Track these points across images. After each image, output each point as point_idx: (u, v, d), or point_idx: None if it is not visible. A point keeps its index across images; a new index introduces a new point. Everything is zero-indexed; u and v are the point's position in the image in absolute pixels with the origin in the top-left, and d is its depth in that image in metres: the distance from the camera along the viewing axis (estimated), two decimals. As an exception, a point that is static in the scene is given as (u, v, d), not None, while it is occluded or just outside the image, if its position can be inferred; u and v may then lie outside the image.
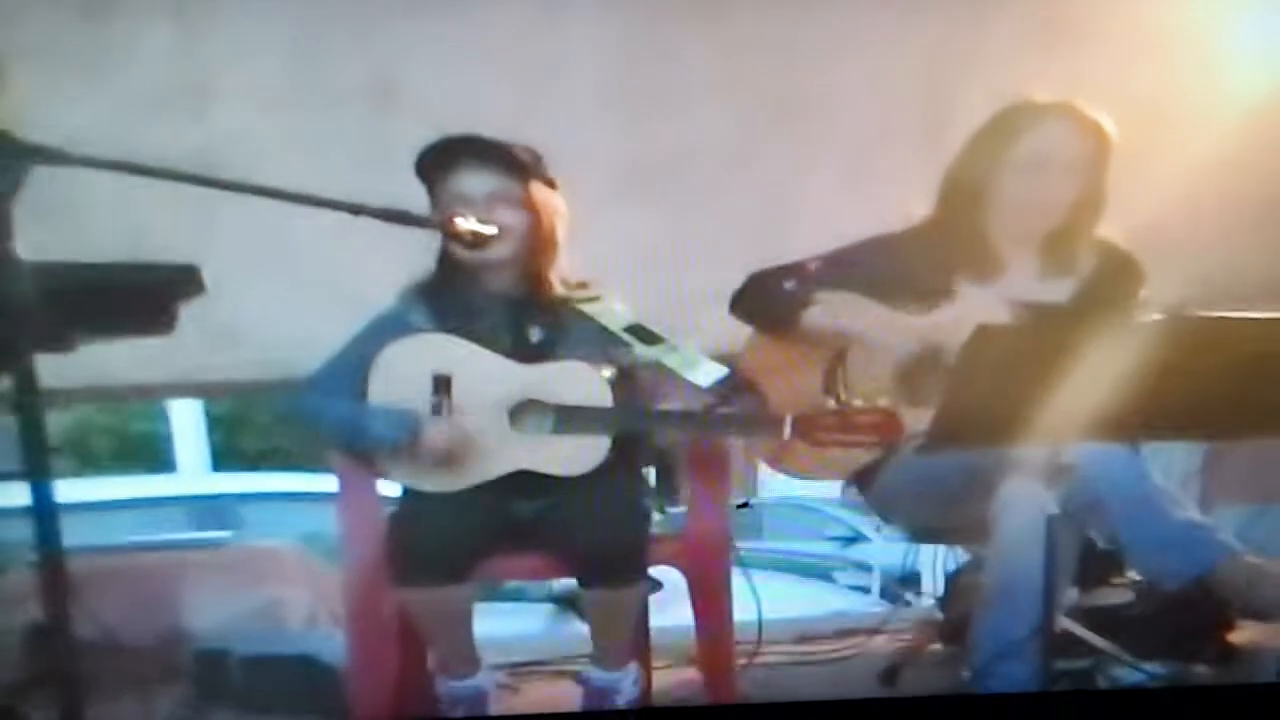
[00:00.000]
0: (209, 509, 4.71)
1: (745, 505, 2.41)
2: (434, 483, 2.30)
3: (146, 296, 1.96)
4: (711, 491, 2.46)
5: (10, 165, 1.61)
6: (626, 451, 2.35)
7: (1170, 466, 2.84)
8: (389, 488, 2.37)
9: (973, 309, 2.36)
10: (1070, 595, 2.63)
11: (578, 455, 2.30)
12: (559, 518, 2.28)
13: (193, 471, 7.37)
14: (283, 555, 3.46)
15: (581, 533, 2.23)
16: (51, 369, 1.74)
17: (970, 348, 1.96)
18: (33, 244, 1.65)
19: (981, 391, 1.96)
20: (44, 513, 1.68)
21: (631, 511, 2.31)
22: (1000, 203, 2.48)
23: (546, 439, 2.30)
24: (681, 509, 2.46)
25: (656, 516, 2.41)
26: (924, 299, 2.47)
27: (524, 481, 2.31)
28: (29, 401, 1.66)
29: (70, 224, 2.57)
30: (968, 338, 1.95)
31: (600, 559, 2.21)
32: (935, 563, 2.92)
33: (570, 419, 2.29)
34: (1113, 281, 2.51)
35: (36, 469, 1.68)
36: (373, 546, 2.27)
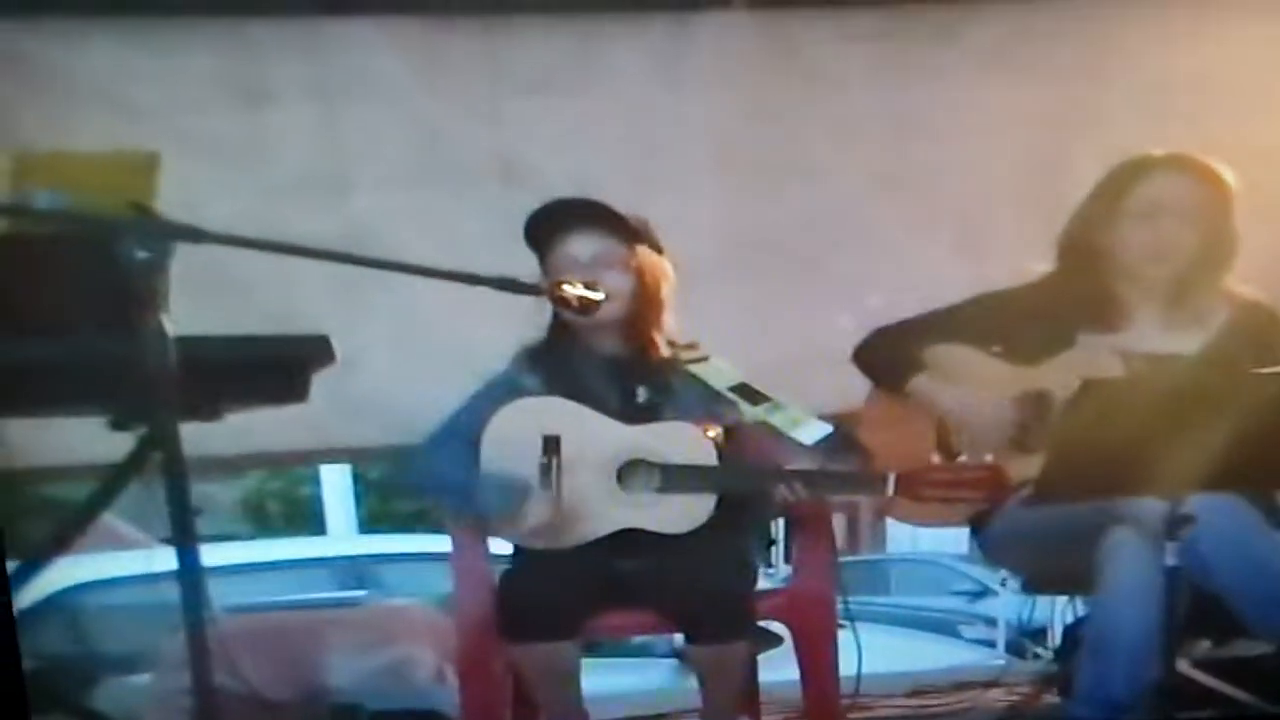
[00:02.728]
0: (351, 569, 4.81)
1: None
2: (542, 542, 2.32)
3: (281, 366, 2.01)
4: (815, 547, 2.45)
5: (155, 243, 1.67)
6: (732, 509, 2.34)
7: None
8: (500, 546, 2.41)
9: (1088, 359, 2.37)
10: (1201, 646, 2.57)
11: (684, 514, 2.30)
12: (665, 575, 2.27)
13: (340, 533, 7.53)
14: (412, 614, 3.53)
15: (686, 589, 2.22)
16: (205, 436, 1.82)
17: (1077, 401, 1.98)
18: (193, 318, 1.73)
19: (1089, 445, 1.96)
20: (190, 575, 1.73)
21: (737, 567, 2.31)
22: (1119, 253, 2.48)
23: (654, 498, 2.31)
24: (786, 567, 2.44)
25: (763, 571, 2.38)
26: (1042, 349, 2.47)
27: (631, 540, 2.32)
28: (176, 469, 1.71)
29: (228, 301, 2.74)
30: (1074, 394, 1.98)
31: (705, 614, 2.21)
32: (1057, 615, 2.84)
33: (676, 478, 2.30)
34: (1248, 333, 2.47)
35: (182, 533, 1.73)
36: (484, 604, 2.31)
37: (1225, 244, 2.45)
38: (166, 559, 1.76)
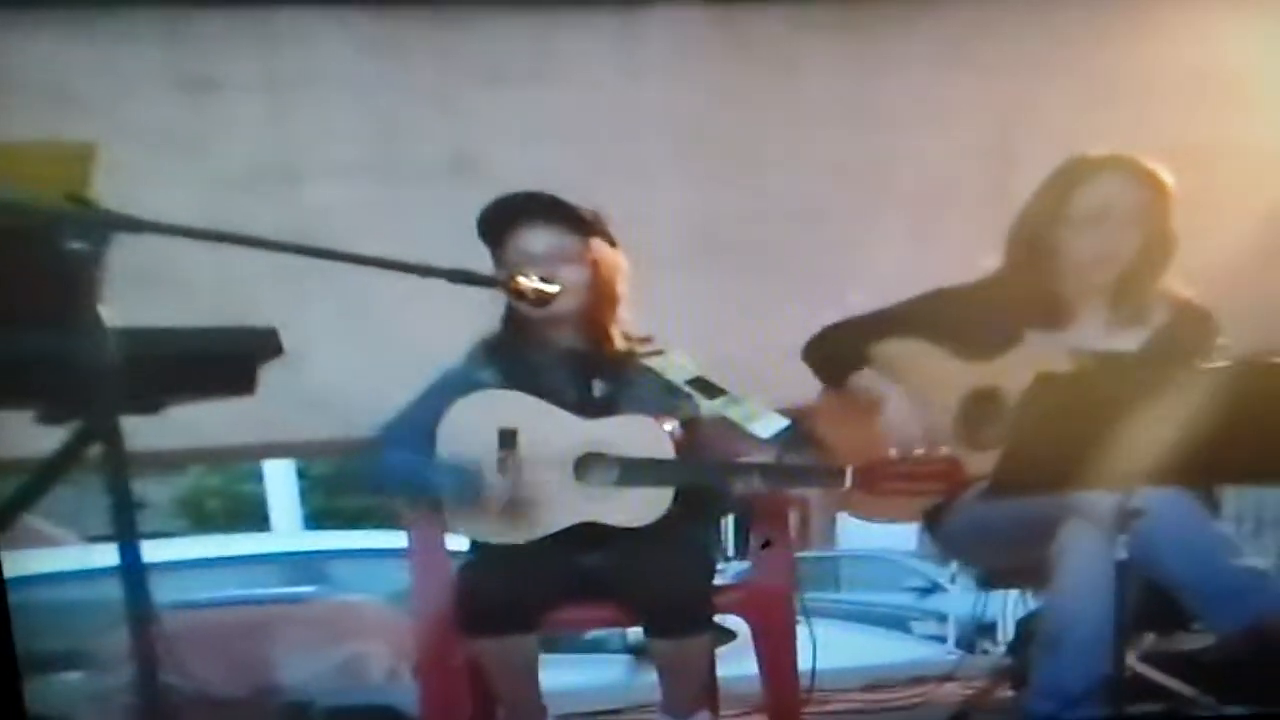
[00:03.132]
0: (298, 566, 4.80)
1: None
2: (500, 535, 2.32)
3: (227, 359, 1.99)
4: (774, 541, 2.44)
5: (91, 232, 1.64)
6: (690, 503, 2.35)
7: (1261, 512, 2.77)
8: (458, 542, 2.39)
9: (1037, 355, 2.37)
10: (1146, 640, 2.59)
11: (642, 507, 2.31)
12: (624, 568, 2.28)
13: (285, 529, 7.49)
14: (363, 610, 3.53)
15: (647, 583, 2.23)
16: (148, 431, 1.79)
17: (1031, 395, 1.96)
18: (136, 311, 1.71)
19: (1043, 438, 1.96)
20: (133, 571, 1.70)
21: (696, 562, 2.31)
22: (1064, 256, 2.49)
23: (610, 491, 2.32)
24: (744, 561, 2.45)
25: (720, 566, 2.39)
26: (990, 346, 2.49)
27: (589, 533, 2.32)
28: (116, 463, 1.68)
29: (170, 294, 2.68)
30: (1028, 386, 1.95)
31: (666, 608, 2.21)
32: (1008, 610, 2.87)
33: (633, 471, 2.30)
34: (1185, 333, 2.49)
35: (124, 529, 1.71)
36: (442, 598, 2.30)
37: (1165, 245, 2.48)
38: (101, 555, 1.74)
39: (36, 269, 1.66)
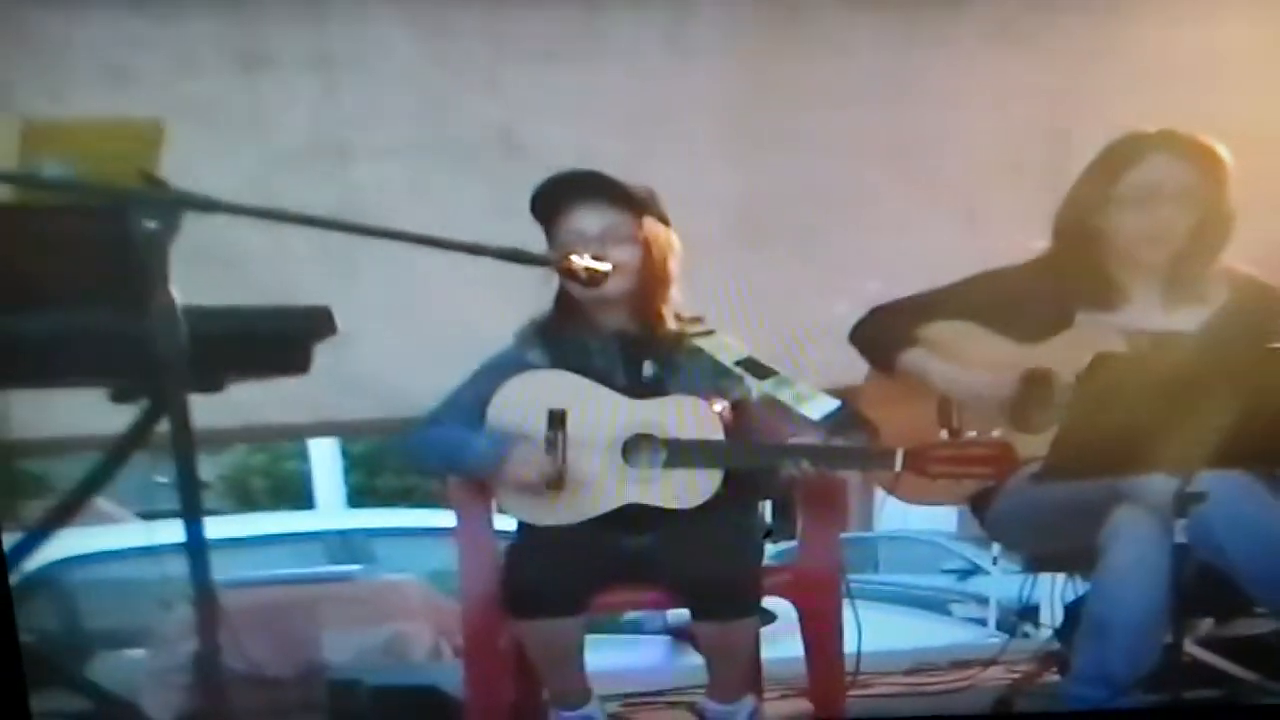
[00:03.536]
0: (343, 544, 4.81)
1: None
2: (547, 517, 2.32)
3: (284, 338, 2.02)
4: (823, 524, 2.45)
5: (165, 212, 1.66)
6: (739, 485, 2.35)
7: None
8: (505, 522, 2.40)
9: (1089, 337, 2.38)
10: (1203, 624, 2.60)
11: (690, 489, 2.31)
12: (671, 551, 2.29)
13: (330, 508, 7.52)
14: (407, 590, 3.53)
15: (693, 566, 2.24)
16: (202, 410, 1.80)
17: (1088, 377, 2.01)
18: (188, 289, 1.73)
19: (1099, 421, 2.00)
20: (197, 549, 1.73)
21: (743, 544, 2.33)
22: (1113, 236, 2.49)
23: (660, 473, 2.32)
24: (793, 542, 2.46)
25: (769, 549, 2.41)
26: (1041, 329, 2.49)
27: (637, 515, 2.33)
28: (184, 442, 1.71)
29: (224, 272, 2.69)
30: (1085, 367, 2.00)
31: (712, 591, 2.22)
32: (1053, 593, 2.87)
33: (682, 453, 2.31)
34: (1248, 311, 2.48)
35: (191, 508, 1.74)
36: (488, 580, 2.32)
37: (1221, 223, 2.47)
38: (159, 533, 1.76)
39: (110, 248, 1.68)
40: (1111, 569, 2.23)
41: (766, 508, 2.55)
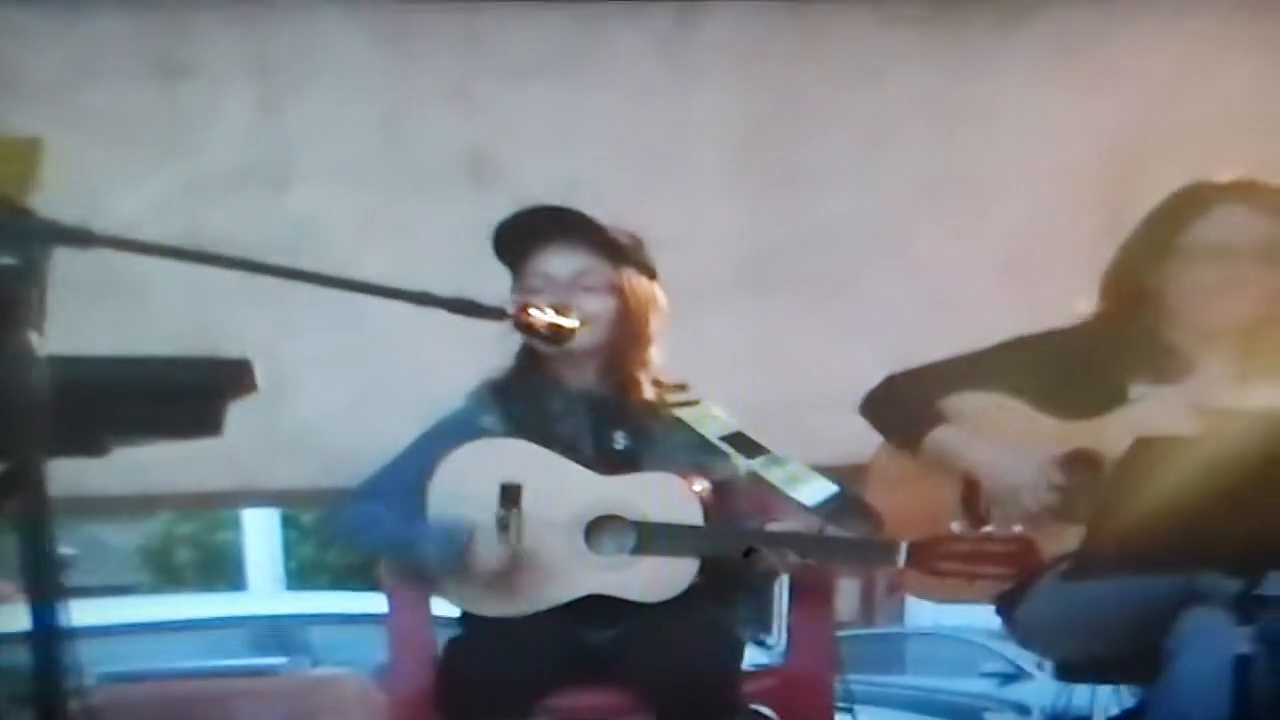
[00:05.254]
0: (273, 631, 4.84)
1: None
2: (495, 607, 2.28)
3: (188, 395, 1.92)
4: (814, 622, 2.44)
5: (27, 247, 1.56)
6: (717, 576, 2.31)
7: None
8: (444, 609, 2.37)
9: (1148, 414, 2.30)
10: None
11: (661, 579, 2.27)
12: (638, 649, 2.23)
13: (263, 588, 7.55)
14: (341, 685, 3.52)
15: (664, 666, 2.18)
16: (100, 473, 1.77)
17: (1126, 464, 1.94)
18: (78, 330, 1.60)
19: (1140, 513, 1.92)
20: (48, 638, 1.63)
21: (721, 643, 2.28)
22: (1176, 296, 2.42)
23: (627, 560, 2.29)
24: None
25: (751, 650, 2.36)
26: (1089, 403, 2.40)
27: (599, 607, 2.29)
28: (37, 512, 1.58)
29: (127, 310, 2.75)
30: (1124, 453, 1.93)
31: (685, 697, 2.17)
32: (1093, 704, 2.78)
33: (654, 538, 2.27)
34: None
35: (42, 588, 1.63)
36: (423, 676, 2.28)
37: None
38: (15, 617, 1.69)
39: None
40: (1181, 678, 2.12)
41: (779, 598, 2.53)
